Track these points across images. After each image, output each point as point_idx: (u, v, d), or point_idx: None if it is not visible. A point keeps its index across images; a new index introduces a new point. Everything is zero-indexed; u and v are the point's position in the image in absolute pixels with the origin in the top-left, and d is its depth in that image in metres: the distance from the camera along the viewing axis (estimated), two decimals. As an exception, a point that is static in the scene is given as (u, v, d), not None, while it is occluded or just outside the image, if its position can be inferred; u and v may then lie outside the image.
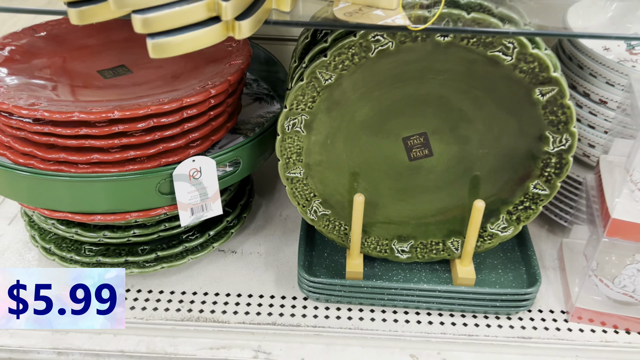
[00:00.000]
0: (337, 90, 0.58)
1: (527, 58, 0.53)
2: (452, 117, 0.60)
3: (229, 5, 0.40)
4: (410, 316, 0.69)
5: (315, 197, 0.66)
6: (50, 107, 0.56)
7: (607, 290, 0.67)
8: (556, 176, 0.61)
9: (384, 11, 0.46)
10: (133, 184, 0.60)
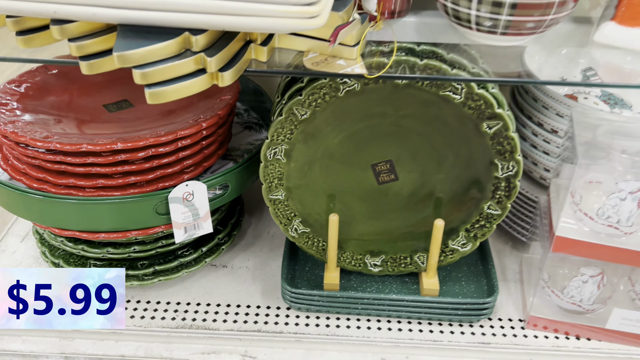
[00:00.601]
0: (312, 124, 0.67)
1: (474, 97, 0.62)
2: (413, 146, 0.69)
3: (213, 60, 0.48)
4: (382, 324, 0.76)
5: (295, 216, 0.74)
6: (62, 140, 0.64)
7: (558, 300, 0.75)
8: (506, 198, 0.69)
9: (346, 60, 0.55)
10: (133, 206, 0.68)
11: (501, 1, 0.52)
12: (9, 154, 0.71)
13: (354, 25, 0.52)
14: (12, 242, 0.90)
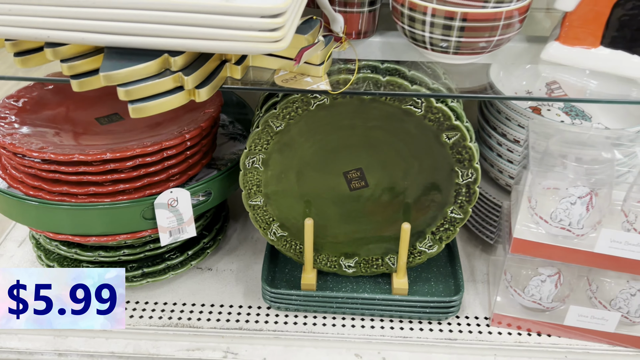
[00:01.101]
0: (287, 135, 0.72)
1: (433, 110, 0.67)
2: (381, 155, 0.74)
3: (190, 78, 0.54)
4: (355, 322, 0.81)
5: (274, 221, 0.80)
6: (56, 150, 0.70)
7: (520, 299, 0.80)
8: (467, 203, 0.75)
9: (313, 78, 0.61)
10: (122, 211, 0.73)
11: (450, 24, 0.57)
12: (7, 163, 0.77)
13: (317, 47, 0.58)
14: (10, 247, 0.95)
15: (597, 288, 0.78)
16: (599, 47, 0.62)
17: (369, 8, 0.66)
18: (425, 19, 0.58)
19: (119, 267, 0.82)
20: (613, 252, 0.70)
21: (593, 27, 0.61)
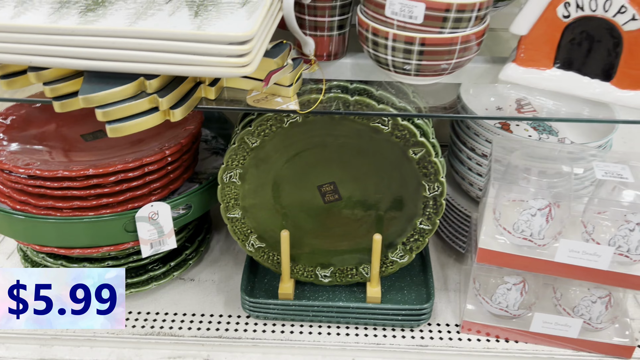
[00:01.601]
0: (262, 151, 0.76)
1: (399, 127, 0.71)
2: (352, 170, 0.78)
3: (164, 100, 0.58)
4: (331, 329, 0.85)
5: (251, 233, 0.83)
6: (42, 167, 0.73)
7: (488, 307, 0.83)
8: (435, 215, 0.78)
9: (283, 98, 0.64)
10: (105, 224, 0.77)
11: (410, 49, 0.61)
12: (-5, 179, 0.80)
13: (285, 70, 0.62)
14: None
15: (561, 296, 0.82)
16: (552, 69, 0.66)
17: (338, 32, 0.70)
18: (387, 44, 0.62)
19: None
20: (572, 261, 0.74)
21: (546, 50, 0.65)
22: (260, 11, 0.57)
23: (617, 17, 0.60)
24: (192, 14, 0.59)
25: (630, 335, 0.82)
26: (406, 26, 0.60)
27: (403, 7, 0.59)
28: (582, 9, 0.61)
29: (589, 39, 0.63)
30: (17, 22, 0.56)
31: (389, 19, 0.61)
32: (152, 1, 0.62)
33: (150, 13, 0.59)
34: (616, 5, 0.60)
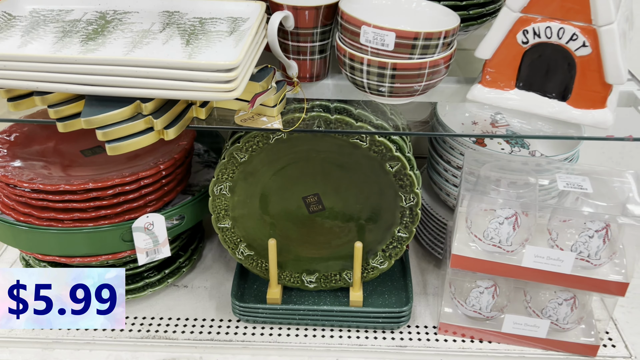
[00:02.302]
0: (250, 165, 0.82)
1: (376, 143, 0.77)
2: (334, 182, 0.84)
3: (159, 121, 0.63)
4: (316, 332, 0.90)
5: (241, 242, 0.89)
6: (44, 181, 0.79)
7: (463, 309, 0.89)
8: (411, 223, 0.84)
9: (268, 118, 0.70)
10: (104, 234, 0.82)
11: (383, 72, 0.67)
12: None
13: (269, 92, 0.68)
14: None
15: (531, 298, 0.88)
16: (514, 89, 0.72)
17: (320, 55, 0.76)
18: (363, 68, 0.68)
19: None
20: (537, 265, 0.80)
21: (508, 73, 0.71)
22: (246, 40, 0.63)
23: (570, 43, 0.66)
24: (184, 42, 0.65)
25: (595, 335, 0.88)
26: (379, 52, 0.66)
27: (376, 35, 0.65)
28: (539, 36, 0.68)
29: (546, 63, 0.69)
30: (24, 52, 0.62)
31: (363, 46, 0.67)
32: (147, 30, 0.68)
33: (145, 42, 0.65)
34: (568, 33, 0.66)
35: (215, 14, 0.71)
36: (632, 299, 1.26)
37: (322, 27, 0.73)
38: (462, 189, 0.84)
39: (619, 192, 0.82)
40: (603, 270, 0.80)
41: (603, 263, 0.79)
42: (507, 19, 0.68)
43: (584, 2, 0.64)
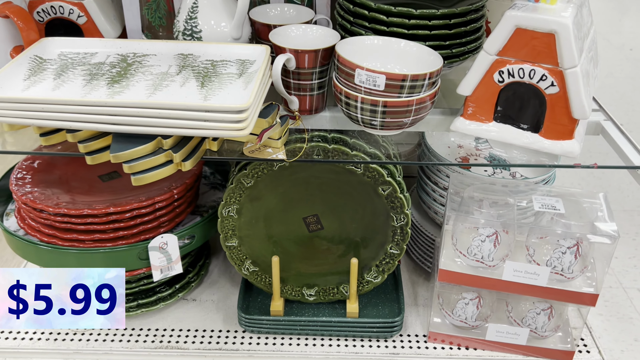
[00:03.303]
0: (256, 190, 0.90)
1: (370, 169, 0.86)
2: (332, 204, 0.92)
3: (177, 155, 0.71)
4: (316, 341, 0.98)
5: (247, 259, 0.97)
6: (69, 206, 0.86)
7: (450, 319, 0.97)
8: (402, 241, 0.92)
9: (273, 149, 0.78)
10: (122, 254, 0.90)
11: (375, 109, 0.76)
12: (25, 216, 0.93)
13: (275, 128, 0.76)
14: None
15: (512, 309, 0.96)
16: (492, 122, 0.81)
17: (318, 91, 0.84)
18: (357, 105, 0.77)
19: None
20: (516, 279, 0.88)
21: (486, 107, 0.80)
22: (254, 83, 0.71)
23: (540, 83, 0.75)
24: (199, 84, 0.73)
25: (571, 341, 0.96)
26: (371, 92, 0.75)
27: (369, 77, 0.74)
28: (513, 76, 0.76)
29: (520, 99, 0.78)
30: (58, 95, 0.70)
31: (357, 86, 0.75)
32: (165, 72, 0.76)
33: (165, 84, 0.73)
34: (539, 74, 0.75)
35: (225, 57, 0.79)
36: (610, 308, 1.35)
37: (320, 67, 0.81)
38: (448, 209, 0.92)
39: (589, 212, 0.90)
40: (576, 283, 0.89)
41: (576, 276, 0.88)
42: (485, 61, 0.77)
43: (551, 47, 0.73)
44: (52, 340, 0.95)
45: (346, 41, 0.81)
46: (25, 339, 0.95)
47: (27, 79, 0.74)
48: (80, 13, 0.90)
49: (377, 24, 0.84)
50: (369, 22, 0.85)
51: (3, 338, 0.95)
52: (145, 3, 0.94)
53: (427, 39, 0.84)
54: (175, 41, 0.82)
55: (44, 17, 0.91)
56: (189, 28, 0.84)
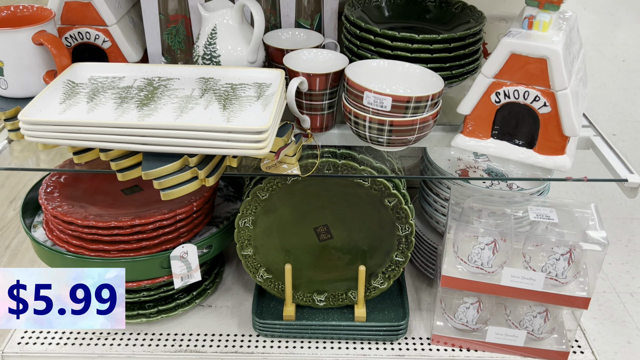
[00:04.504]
0: (270, 202, 0.97)
1: (376, 182, 0.92)
2: (341, 214, 0.99)
3: (202, 172, 0.78)
4: (326, 344, 1.04)
5: (261, 267, 1.03)
6: (97, 218, 0.93)
7: (452, 322, 1.04)
8: (407, 249, 0.99)
9: (288, 165, 0.85)
10: (145, 263, 0.96)
11: (382, 128, 0.82)
12: (54, 228, 0.99)
13: (290, 146, 0.83)
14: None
15: (510, 312, 1.02)
16: (490, 139, 0.87)
17: (329, 110, 0.90)
18: (365, 124, 0.83)
19: (139, 306, 1.05)
20: (513, 284, 0.94)
21: (484, 125, 0.87)
22: (272, 106, 0.78)
23: (534, 103, 0.82)
24: (221, 107, 0.80)
25: (566, 343, 1.02)
26: (379, 112, 0.82)
27: (376, 99, 0.81)
28: (509, 97, 0.83)
29: (515, 118, 0.85)
30: (93, 119, 0.77)
31: (365, 107, 0.82)
32: (189, 96, 0.83)
33: (190, 107, 0.80)
34: (532, 95, 0.81)
35: (243, 80, 0.86)
36: (604, 312, 1.41)
37: (330, 88, 0.88)
38: (449, 218, 0.98)
39: (581, 221, 0.97)
40: (569, 287, 0.95)
41: (569, 281, 0.94)
42: (482, 83, 0.84)
43: (543, 71, 0.80)
44: (78, 345, 1.01)
45: (354, 64, 0.88)
46: (52, 344, 1.01)
47: (62, 102, 0.80)
48: (105, 38, 0.97)
49: (382, 47, 0.91)
50: (374, 46, 0.92)
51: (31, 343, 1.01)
52: (165, 28, 1.00)
53: (429, 61, 0.91)
54: (196, 66, 0.89)
55: (71, 42, 0.97)
56: (208, 53, 0.90)
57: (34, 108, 0.77)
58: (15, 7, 0.92)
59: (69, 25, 0.96)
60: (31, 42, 0.85)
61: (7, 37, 0.84)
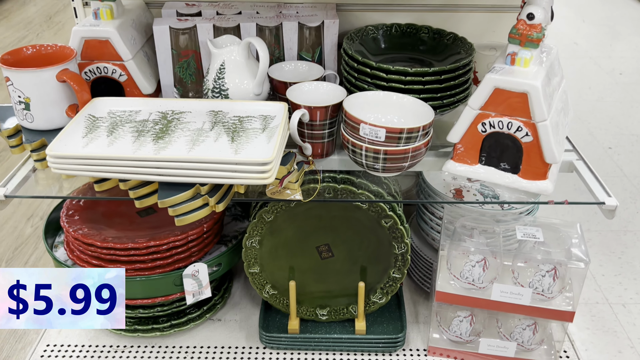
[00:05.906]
0: (275, 224, 1.04)
1: (373, 205, 0.99)
2: (341, 234, 1.06)
3: (213, 199, 0.85)
4: (329, 356, 1.11)
5: (267, 283, 1.10)
6: (115, 240, 1.00)
7: (447, 335, 1.10)
8: (403, 266, 1.06)
9: (291, 190, 0.92)
10: (159, 281, 1.03)
11: (377, 156, 0.89)
12: (74, 248, 1.07)
13: (293, 174, 0.90)
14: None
15: (501, 325, 1.09)
16: (478, 165, 0.94)
17: (329, 139, 0.98)
18: (362, 153, 0.90)
19: (153, 321, 1.13)
20: (503, 299, 1.01)
21: (472, 152, 0.94)
22: (276, 138, 0.85)
23: (517, 133, 0.89)
24: (230, 139, 0.87)
25: (555, 354, 1.09)
26: (374, 142, 0.89)
27: (371, 130, 0.88)
28: (494, 127, 0.90)
29: (501, 146, 0.92)
30: (113, 152, 0.84)
31: (362, 137, 0.89)
32: (200, 129, 0.90)
33: (201, 139, 0.87)
34: (515, 125, 0.88)
35: (249, 113, 0.94)
36: (596, 322, 1.47)
37: (330, 118, 0.95)
38: (443, 237, 1.05)
39: (566, 239, 1.03)
40: (556, 302, 1.02)
41: (555, 296, 1.01)
42: (470, 114, 0.91)
43: (525, 104, 0.86)
44: (97, 357, 1.09)
45: (352, 96, 0.95)
46: (73, 357, 1.08)
47: (85, 136, 0.88)
48: (121, 72, 1.05)
49: (378, 80, 0.98)
50: (371, 77, 0.99)
51: (53, 356, 1.08)
52: (177, 62, 1.08)
53: (421, 92, 0.98)
54: (206, 100, 0.97)
55: (90, 75, 1.05)
56: (217, 86, 0.98)
57: (59, 142, 0.85)
58: (40, 45, 1.00)
59: (88, 61, 1.04)
60: (55, 79, 0.93)
61: (33, 76, 0.92)
